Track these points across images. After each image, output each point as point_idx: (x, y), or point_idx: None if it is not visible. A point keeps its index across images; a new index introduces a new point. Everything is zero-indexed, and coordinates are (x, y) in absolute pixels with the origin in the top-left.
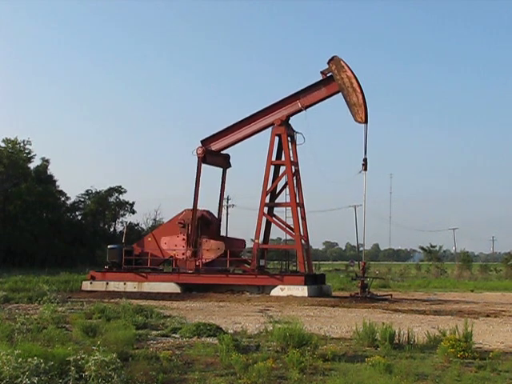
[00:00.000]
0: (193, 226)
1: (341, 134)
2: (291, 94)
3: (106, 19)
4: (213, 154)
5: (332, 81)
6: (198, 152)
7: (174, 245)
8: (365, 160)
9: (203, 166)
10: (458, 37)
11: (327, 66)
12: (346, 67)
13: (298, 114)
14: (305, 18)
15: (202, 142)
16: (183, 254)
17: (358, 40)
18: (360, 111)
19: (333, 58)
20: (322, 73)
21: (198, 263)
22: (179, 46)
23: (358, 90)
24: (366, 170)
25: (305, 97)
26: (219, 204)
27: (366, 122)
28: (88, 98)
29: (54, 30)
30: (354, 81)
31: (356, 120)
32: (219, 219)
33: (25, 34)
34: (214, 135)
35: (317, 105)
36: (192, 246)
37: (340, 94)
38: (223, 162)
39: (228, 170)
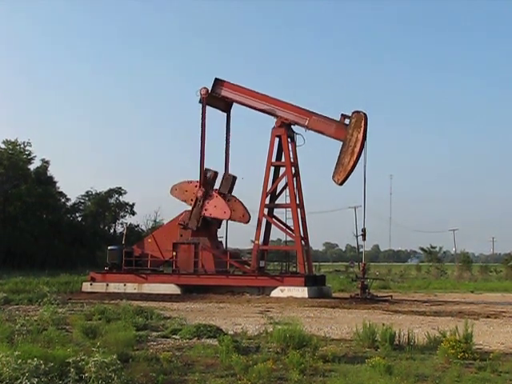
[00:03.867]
0: (202, 173)
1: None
2: (308, 109)
3: (105, 23)
4: (216, 97)
5: (344, 129)
6: (202, 92)
7: (214, 206)
8: (363, 230)
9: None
10: (460, 40)
11: (351, 114)
12: (362, 129)
13: (299, 127)
14: (304, 20)
15: (215, 79)
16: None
17: (360, 41)
18: (342, 174)
19: (359, 112)
20: (342, 115)
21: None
22: (178, 47)
23: (355, 157)
24: (364, 239)
25: (315, 121)
26: (226, 152)
27: (340, 184)
28: (88, 100)
29: (54, 32)
30: (358, 145)
31: (333, 178)
32: (228, 174)
33: (24, 35)
34: (229, 82)
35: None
36: (203, 186)
37: (341, 143)
38: (225, 107)
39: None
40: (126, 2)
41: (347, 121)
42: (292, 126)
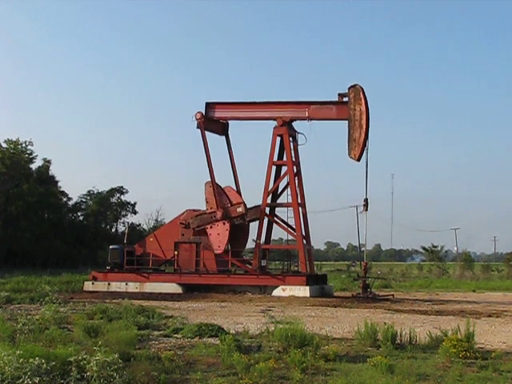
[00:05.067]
0: (215, 192)
1: (343, 131)
2: (303, 100)
3: (104, 23)
4: (211, 120)
5: (345, 107)
6: (197, 117)
7: (218, 234)
8: (365, 200)
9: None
10: (461, 41)
11: (346, 91)
12: (362, 100)
13: (302, 121)
14: (306, 20)
15: (206, 103)
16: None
17: (362, 43)
18: (357, 149)
19: (355, 85)
20: (339, 94)
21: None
22: (176, 48)
23: (364, 128)
24: (366, 210)
25: (314, 110)
26: (234, 174)
27: (358, 160)
28: (90, 99)
29: (54, 31)
30: (364, 117)
31: (349, 155)
32: (238, 192)
33: (26, 36)
34: (220, 103)
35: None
36: (220, 207)
37: (347, 121)
38: (221, 129)
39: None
40: (123, 6)
41: (346, 99)
42: (294, 123)
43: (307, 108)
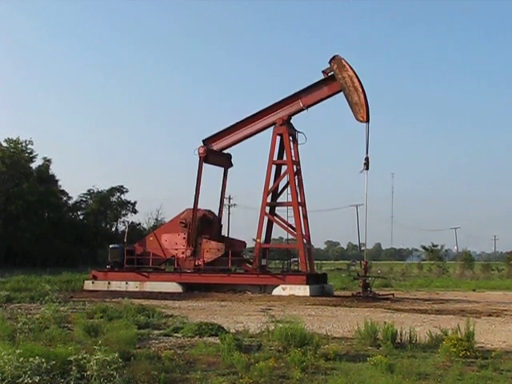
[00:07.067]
0: (193, 225)
1: (342, 131)
2: (292, 93)
3: (104, 23)
4: (214, 153)
5: (334, 80)
6: (200, 151)
7: (175, 243)
8: (366, 159)
9: (204, 165)
10: (461, 41)
11: (329, 66)
12: (347, 66)
13: (300, 113)
14: (306, 20)
15: (203, 141)
16: (183, 252)
17: (362, 43)
18: (362, 110)
19: (334, 57)
20: (323, 72)
21: (197, 263)
22: (176, 48)
23: (360, 89)
24: (367, 169)
25: (306, 96)
26: (220, 203)
27: (367, 121)
28: (90, 99)
29: (54, 31)
30: (355, 80)
31: (357, 119)
32: (220, 219)
33: (26, 36)
34: (215, 134)
35: (318, 104)
36: (192, 245)
37: (342, 93)
38: (225, 161)
39: (229, 170)
40: (128, 3)
41: (331, 73)
42: (293, 119)
43: (299, 98)
